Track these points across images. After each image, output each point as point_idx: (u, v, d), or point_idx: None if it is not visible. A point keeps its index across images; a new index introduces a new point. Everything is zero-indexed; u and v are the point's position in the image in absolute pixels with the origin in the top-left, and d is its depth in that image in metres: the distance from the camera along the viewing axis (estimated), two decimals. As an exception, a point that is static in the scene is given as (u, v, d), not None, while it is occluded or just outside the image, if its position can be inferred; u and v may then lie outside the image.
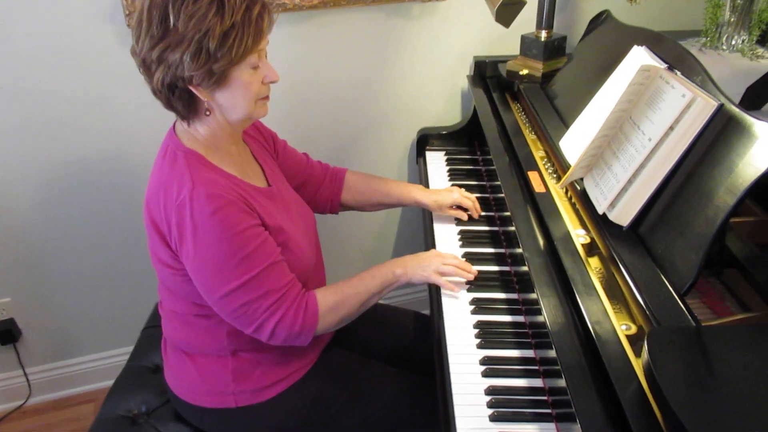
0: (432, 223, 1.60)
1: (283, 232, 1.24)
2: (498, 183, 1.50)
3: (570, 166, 1.30)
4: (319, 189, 1.55)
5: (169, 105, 1.17)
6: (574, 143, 1.37)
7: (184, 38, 1.06)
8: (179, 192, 1.12)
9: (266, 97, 1.21)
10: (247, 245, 1.14)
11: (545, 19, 1.76)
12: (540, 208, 1.31)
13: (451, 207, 1.58)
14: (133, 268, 2.01)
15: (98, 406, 1.80)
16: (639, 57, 1.30)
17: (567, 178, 1.28)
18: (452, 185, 1.75)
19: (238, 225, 1.13)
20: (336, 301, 1.26)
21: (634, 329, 0.99)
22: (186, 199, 1.11)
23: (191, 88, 1.12)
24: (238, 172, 1.23)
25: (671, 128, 1.08)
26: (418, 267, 1.35)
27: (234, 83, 1.13)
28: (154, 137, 1.79)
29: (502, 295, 1.35)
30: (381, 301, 2.28)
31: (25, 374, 2.08)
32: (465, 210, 1.59)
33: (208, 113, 1.17)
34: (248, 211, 1.16)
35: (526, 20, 1.81)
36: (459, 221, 1.59)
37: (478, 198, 1.63)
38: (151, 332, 1.60)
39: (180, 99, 1.14)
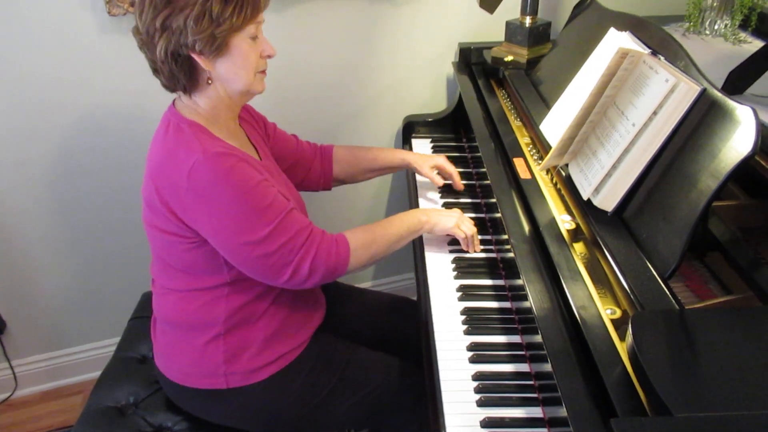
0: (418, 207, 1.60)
1: (287, 199, 1.27)
2: (484, 170, 1.50)
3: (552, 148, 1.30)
4: (311, 167, 1.59)
5: (171, 78, 1.20)
6: (554, 126, 1.38)
7: (188, 4, 1.11)
8: (188, 158, 1.14)
9: (264, 72, 1.26)
10: (266, 195, 1.19)
11: (530, 5, 1.76)
12: (526, 194, 1.31)
13: (432, 168, 1.64)
14: (119, 257, 2.00)
15: (86, 397, 1.80)
16: (615, 40, 1.30)
17: (547, 160, 1.29)
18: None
19: (253, 179, 1.18)
20: (366, 238, 1.31)
21: (618, 313, 1.00)
22: (199, 163, 1.13)
23: (194, 56, 1.15)
24: (238, 145, 1.26)
25: (655, 113, 1.08)
26: (442, 217, 1.41)
27: (234, 52, 1.17)
28: (134, 125, 1.79)
29: (488, 282, 1.35)
30: (369, 287, 2.31)
31: (11, 366, 2.06)
32: (445, 180, 1.65)
33: (209, 82, 1.21)
34: (258, 169, 1.21)
35: (511, 6, 1.81)
36: (446, 208, 1.59)
37: (463, 185, 1.64)
38: (138, 322, 1.59)
39: (182, 69, 1.17)
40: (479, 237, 1.46)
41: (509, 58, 1.80)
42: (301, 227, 1.22)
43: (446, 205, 1.60)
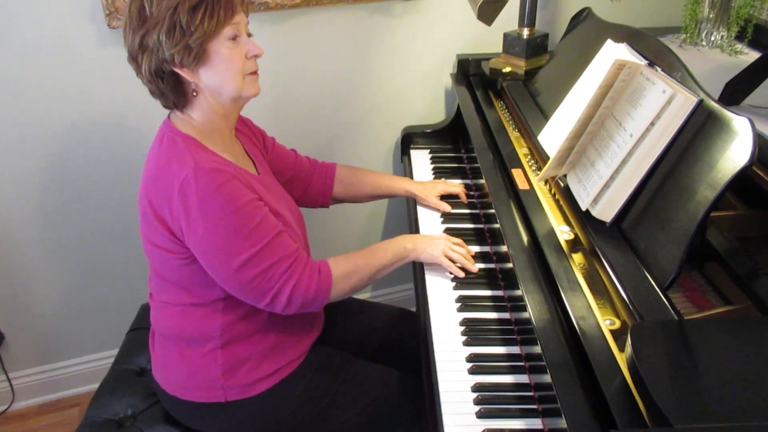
0: (417, 224, 1.60)
1: (280, 216, 1.26)
2: (482, 181, 1.51)
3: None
4: (310, 183, 1.58)
5: (161, 96, 1.20)
6: (552, 137, 1.39)
7: (158, 20, 1.11)
8: (180, 171, 1.14)
9: (255, 73, 1.23)
10: (254, 216, 1.17)
11: (527, 17, 1.77)
12: (524, 205, 1.32)
13: (438, 197, 1.62)
14: (117, 269, 1.99)
15: (84, 410, 1.79)
16: (613, 51, 1.31)
17: (545, 170, 1.29)
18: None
19: (243, 197, 1.16)
20: (349, 269, 1.29)
21: (618, 324, 1.00)
22: (190, 177, 1.13)
23: (176, 69, 1.15)
24: (233, 159, 1.25)
25: (652, 124, 1.09)
26: (428, 246, 1.39)
27: (215, 58, 1.16)
28: (134, 136, 1.80)
29: (487, 292, 1.35)
30: (368, 298, 2.30)
31: (8, 379, 2.05)
32: (452, 197, 1.64)
33: (195, 94, 1.20)
34: (249, 187, 1.20)
35: (509, 18, 1.82)
36: (444, 219, 1.59)
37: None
38: (137, 334, 1.59)
39: (168, 85, 1.17)
40: (477, 249, 1.46)
41: (507, 69, 1.81)
42: (286, 254, 1.20)
43: (445, 216, 1.60)
